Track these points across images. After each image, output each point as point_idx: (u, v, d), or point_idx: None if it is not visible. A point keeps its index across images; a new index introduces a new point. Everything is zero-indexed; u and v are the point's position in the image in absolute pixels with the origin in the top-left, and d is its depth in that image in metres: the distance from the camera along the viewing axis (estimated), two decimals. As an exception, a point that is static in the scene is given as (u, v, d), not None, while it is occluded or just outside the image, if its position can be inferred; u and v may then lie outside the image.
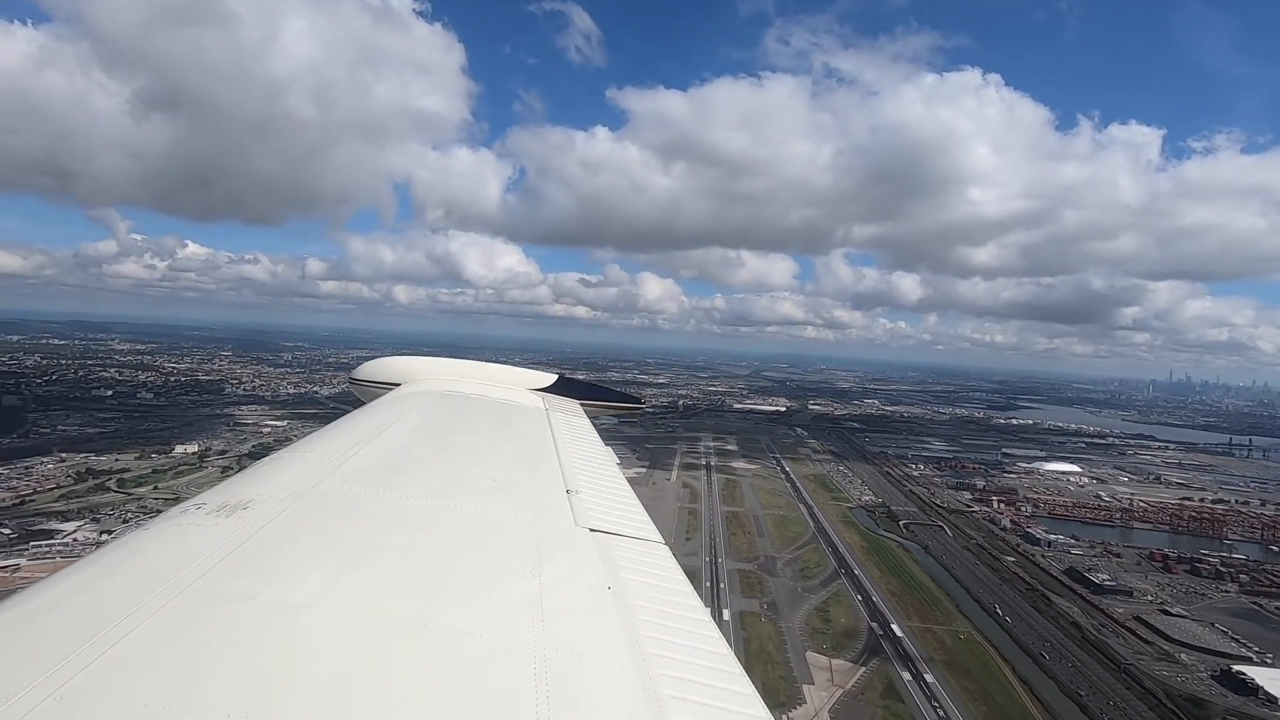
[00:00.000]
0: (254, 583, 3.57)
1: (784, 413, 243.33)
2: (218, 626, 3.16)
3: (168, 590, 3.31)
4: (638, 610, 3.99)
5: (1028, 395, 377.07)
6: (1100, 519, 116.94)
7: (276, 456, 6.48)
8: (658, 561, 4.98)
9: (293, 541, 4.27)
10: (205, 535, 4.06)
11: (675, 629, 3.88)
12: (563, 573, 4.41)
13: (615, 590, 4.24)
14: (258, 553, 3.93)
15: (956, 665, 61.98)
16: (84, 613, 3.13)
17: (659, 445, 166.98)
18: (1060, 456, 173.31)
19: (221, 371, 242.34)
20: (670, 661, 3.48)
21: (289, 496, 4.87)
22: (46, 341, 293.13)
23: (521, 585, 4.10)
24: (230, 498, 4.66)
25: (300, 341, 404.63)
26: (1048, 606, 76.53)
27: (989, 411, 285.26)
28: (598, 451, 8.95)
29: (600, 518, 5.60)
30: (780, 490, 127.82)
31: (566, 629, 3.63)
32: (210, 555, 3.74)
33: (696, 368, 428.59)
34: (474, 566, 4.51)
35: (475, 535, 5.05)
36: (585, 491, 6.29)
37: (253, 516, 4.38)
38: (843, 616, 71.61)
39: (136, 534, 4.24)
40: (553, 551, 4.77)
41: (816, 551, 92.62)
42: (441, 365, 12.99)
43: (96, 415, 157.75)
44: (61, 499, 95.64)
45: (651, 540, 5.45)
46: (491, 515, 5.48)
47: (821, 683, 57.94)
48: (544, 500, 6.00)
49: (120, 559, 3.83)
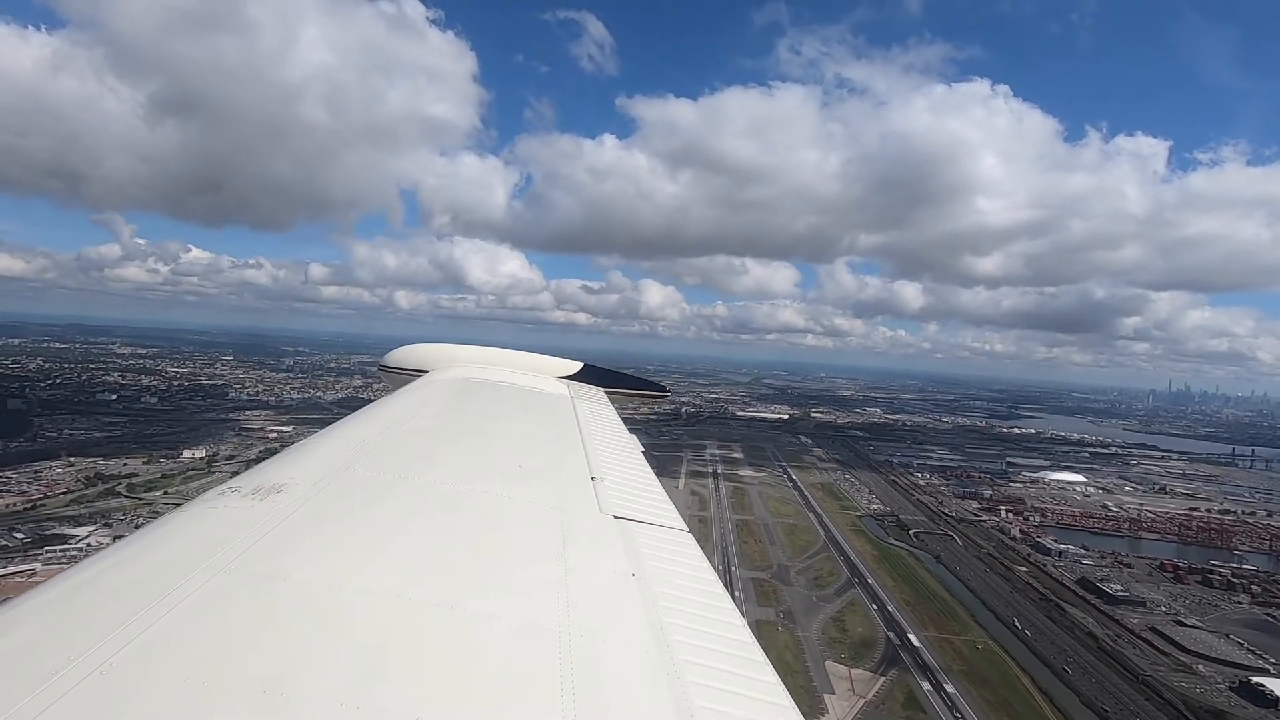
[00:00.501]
0: (287, 563, 3.67)
1: (787, 420, 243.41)
2: (253, 605, 3.26)
3: (205, 570, 3.41)
4: (661, 597, 4.03)
5: (1028, 404, 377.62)
6: (1108, 529, 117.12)
7: (308, 441, 6.59)
8: (681, 549, 5.00)
9: (325, 524, 4.37)
10: (241, 517, 4.17)
11: (699, 616, 3.92)
12: (587, 559, 4.46)
13: (639, 577, 4.28)
14: (291, 535, 4.03)
15: (975, 675, 62.02)
16: (127, 590, 3.23)
17: (665, 453, 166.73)
18: (1065, 466, 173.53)
19: (224, 376, 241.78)
20: (694, 649, 3.51)
21: (321, 480, 4.96)
22: (47, 345, 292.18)
23: (547, 570, 4.17)
24: (264, 481, 4.75)
25: (300, 346, 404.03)
26: (1062, 617, 76.63)
27: (991, 420, 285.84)
28: (622, 439, 9.02)
29: (624, 505, 5.63)
30: (788, 498, 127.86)
31: (591, 614, 3.68)
32: (246, 537, 3.84)
33: (697, 375, 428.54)
34: (500, 551, 4.58)
35: (501, 520, 5.13)
36: (610, 479, 6.32)
37: (286, 499, 4.48)
38: (859, 626, 71.64)
39: (175, 515, 4.36)
40: (577, 537, 4.81)
41: (829, 560, 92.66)
42: (468, 352, 13.13)
43: (102, 419, 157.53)
44: (72, 504, 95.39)
45: (675, 528, 5.48)
46: (517, 500, 5.56)
47: (842, 692, 57.94)
48: (569, 487, 6.05)
49: (160, 539, 3.95)
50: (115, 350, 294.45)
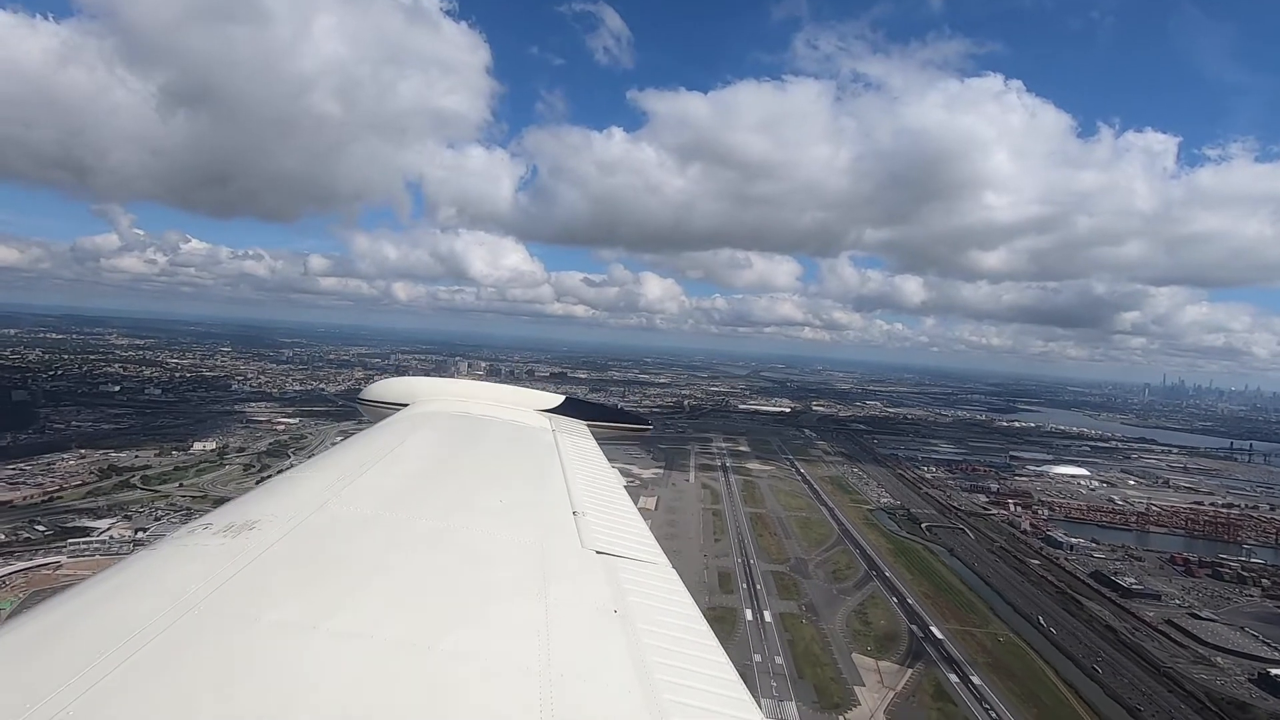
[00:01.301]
0: (260, 603, 3.59)
1: (789, 414, 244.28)
2: (222, 647, 3.18)
3: (174, 610, 3.32)
4: (644, 634, 3.98)
5: (1025, 398, 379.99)
6: (1116, 523, 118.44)
7: (284, 477, 6.50)
8: (664, 585, 4.97)
9: (299, 563, 4.28)
10: (212, 555, 4.06)
11: (682, 654, 3.87)
12: (569, 595, 4.40)
13: (621, 614, 4.22)
14: (263, 574, 3.93)
15: (1000, 668, 62.85)
16: (92, 631, 3.15)
17: (672, 446, 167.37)
18: (1067, 460, 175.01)
19: (225, 368, 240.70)
20: (677, 687, 3.47)
21: (296, 517, 4.85)
22: (44, 336, 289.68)
23: (528, 607, 4.10)
24: (237, 518, 4.66)
25: (298, 338, 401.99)
26: (1079, 610, 77.64)
27: (990, 414, 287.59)
28: (604, 473, 8.97)
29: (607, 540, 5.58)
30: (798, 492, 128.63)
31: (572, 652, 3.62)
32: (217, 576, 3.74)
33: (695, 367, 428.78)
34: (480, 588, 4.50)
35: (482, 557, 5.04)
36: (592, 514, 6.27)
37: (259, 537, 4.38)
38: (881, 619, 72.39)
39: (145, 553, 4.27)
40: (559, 574, 4.76)
41: (845, 554, 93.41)
42: (449, 386, 13.17)
43: (108, 411, 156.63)
44: (88, 496, 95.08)
45: (658, 563, 5.43)
46: (498, 537, 5.48)
47: (872, 684, 58.64)
48: (550, 522, 6.00)
49: (129, 579, 3.86)
50: (113, 341, 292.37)
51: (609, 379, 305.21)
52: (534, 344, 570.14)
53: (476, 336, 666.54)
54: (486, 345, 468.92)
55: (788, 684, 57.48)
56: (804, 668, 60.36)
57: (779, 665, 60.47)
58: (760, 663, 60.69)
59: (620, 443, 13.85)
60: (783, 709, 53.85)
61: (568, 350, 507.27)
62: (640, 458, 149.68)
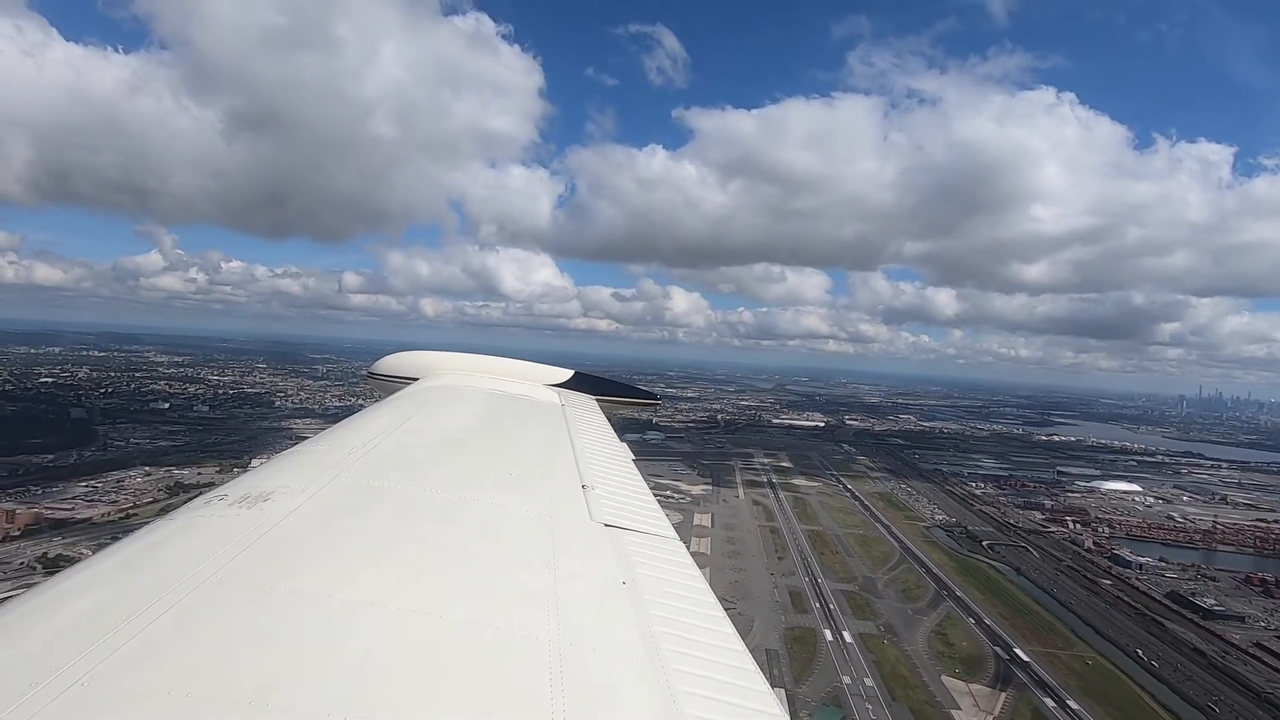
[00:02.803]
0: (275, 573, 3.62)
1: (824, 428, 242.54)
2: (239, 615, 3.22)
3: (191, 579, 3.35)
4: (652, 606, 3.99)
5: (1059, 411, 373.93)
6: (1180, 541, 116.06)
7: (298, 448, 6.58)
8: (673, 558, 4.95)
9: (313, 533, 4.31)
10: (228, 526, 4.09)
11: (690, 625, 3.89)
12: (578, 567, 4.41)
13: (630, 585, 4.23)
14: (279, 543, 3.97)
15: (1094, 692, 61.80)
16: (109, 601, 3.18)
17: (715, 461, 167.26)
18: (1117, 475, 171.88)
19: (265, 384, 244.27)
20: (685, 657, 3.48)
21: (309, 488, 4.88)
22: (87, 353, 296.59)
23: (537, 579, 4.12)
24: (252, 489, 4.68)
25: (327, 353, 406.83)
26: (1163, 632, 76.16)
27: (1026, 428, 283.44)
28: (613, 447, 8.97)
29: (615, 513, 5.57)
30: (851, 509, 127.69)
31: (581, 623, 3.65)
32: (232, 546, 3.78)
33: (719, 380, 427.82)
34: (490, 559, 4.54)
35: (492, 528, 5.07)
36: (601, 487, 6.27)
37: (274, 508, 4.39)
38: (963, 640, 71.57)
39: (160, 524, 4.29)
40: (568, 546, 4.75)
41: (911, 572, 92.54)
42: (459, 360, 13.02)
43: (162, 428, 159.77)
44: (161, 513, 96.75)
45: (666, 537, 5.41)
46: (508, 509, 5.51)
47: (968, 708, 57.99)
48: (560, 495, 5.99)
49: (144, 549, 3.91)
50: (153, 358, 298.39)
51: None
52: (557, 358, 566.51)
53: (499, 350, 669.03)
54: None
55: (883, 707, 57.04)
56: (896, 690, 59.85)
57: (870, 688, 60.01)
58: (850, 684, 60.32)
59: (629, 416, 13.91)
60: (883, 733, 53.47)
61: (590, 363, 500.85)
62: (686, 474, 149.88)
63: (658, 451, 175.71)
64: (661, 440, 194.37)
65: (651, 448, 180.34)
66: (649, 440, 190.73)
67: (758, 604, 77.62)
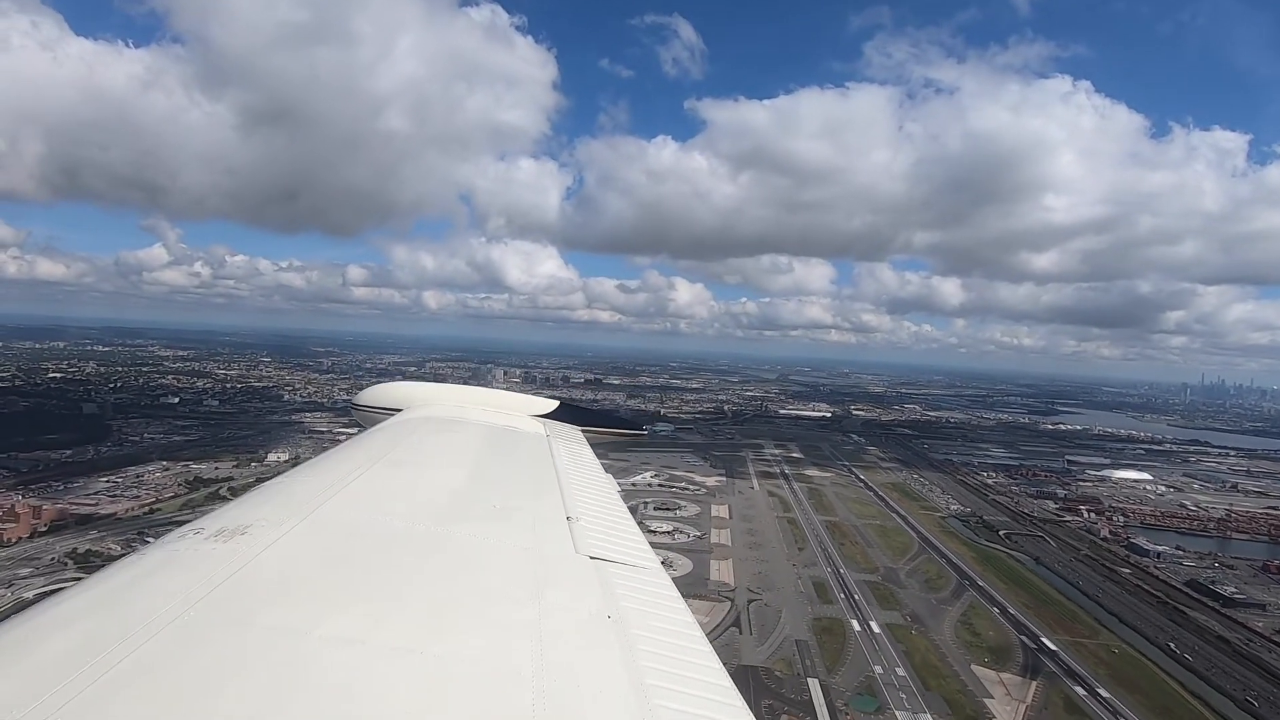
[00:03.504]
0: (252, 608, 3.58)
1: (831, 418, 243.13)
2: (213, 653, 3.16)
3: (166, 614, 3.30)
4: (638, 640, 3.96)
5: (1063, 400, 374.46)
6: (1195, 529, 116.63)
7: (276, 481, 6.47)
8: (658, 590, 4.94)
9: (291, 567, 4.24)
10: (203, 560, 4.02)
11: (676, 659, 3.87)
12: (563, 600, 4.40)
13: (615, 619, 4.21)
14: (255, 578, 3.90)
15: (1123, 680, 62.32)
16: (81, 637, 3.12)
17: (726, 453, 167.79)
18: (1126, 464, 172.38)
19: (271, 378, 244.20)
20: (670, 693, 3.46)
21: (288, 522, 4.80)
22: (91, 348, 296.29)
23: (521, 612, 4.09)
24: (229, 523, 4.62)
25: (330, 347, 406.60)
26: (1185, 620, 76.75)
27: (1032, 416, 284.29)
28: (599, 479, 8.94)
29: (601, 545, 5.56)
30: (865, 499, 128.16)
31: (566, 657, 3.61)
32: (208, 580, 3.71)
33: (722, 371, 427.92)
34: (474, 592, 4.49)
35: (475, 561, 5.04)
36: (586, 519, 6.26)
37: (251, 542, 4.31)
38: (989, 629, 72.07)
39: (133, 559, 4.23)
40: (553, 579, 4.74)
41: (931, 563, 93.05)
42: (443, 391, 13.08)
43: (174, 423, 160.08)
44: (184, 507, 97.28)
45: (651, 569, 5.38)
46: (492, 541, 5.46)
47: (1000, 697, 58.48)
48: (544, 527, 5.97)
49: (120, 583, 3.84)
50: (158, 352, 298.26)
51: (642, 384, 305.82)
52: (558, 350, 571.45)
53: (502, 343, 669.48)
54: (513, 352, 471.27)
55: (916, 697, 57.51)
56: (928, 680, 60.34)
57: (902, 677, 60.50)
58: (882, 674, 60.81)
59: (614, 448, 13.69)
60: (919, 722, 54.00)
61: (592, 355, 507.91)
62: (699, 465, 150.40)
63: (669, 443, 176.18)
64: (671, 432, 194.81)
65: (662, 439, 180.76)
66: (659, 432, 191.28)
67: (783, 595, 78.08)
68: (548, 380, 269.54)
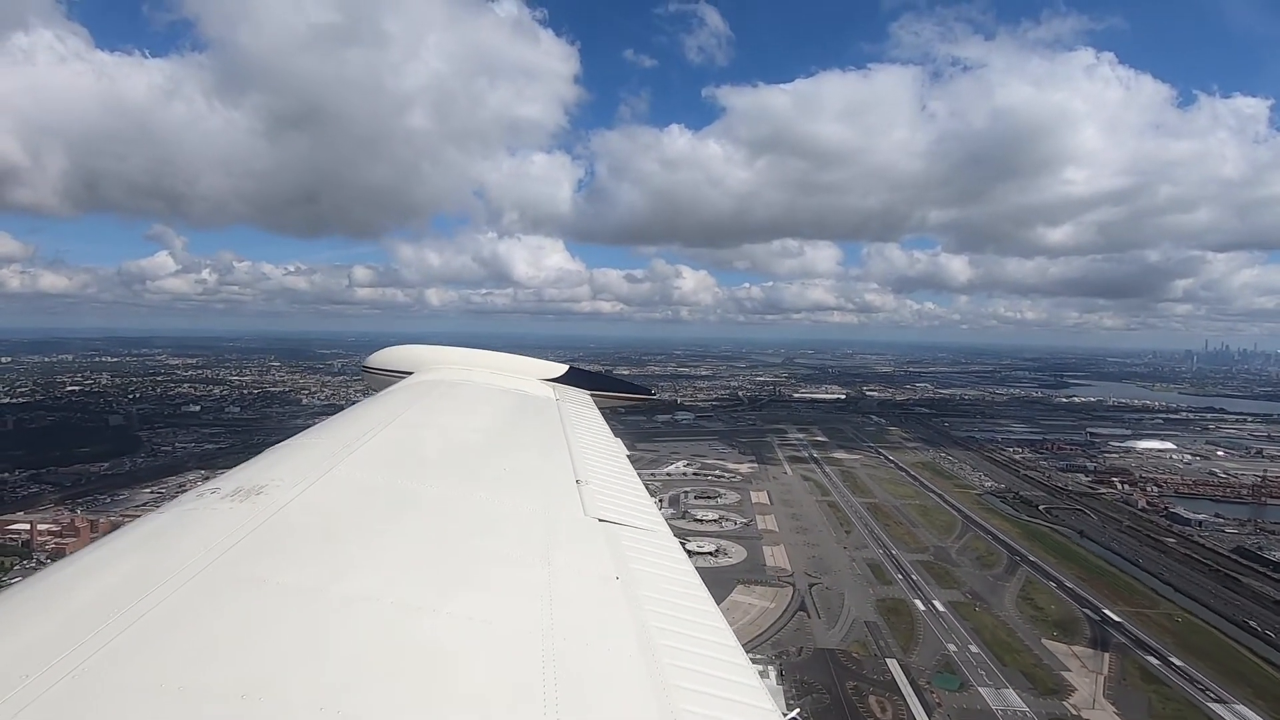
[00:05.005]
0: (267, 567, 3.65)
1: (846, 400, 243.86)
2: (231, 610, 3.24)
3: (183, 574, 3.36)
4: (646, 600, 4.04)
5: (1070, 372, 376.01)
6: (1228, 496, 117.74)
7: (290, 441, 6.62)
8: (666, 553, 5.01)
9: (306, 526, 4.33)
10: (220, 520, 4.09)
11: (683, 620, 3.94)
12: (572, 562, 4.47)
13: (624, 580, 4.28)
14: (272, 537, 3.98)
15: (1192, 648, 63.17)
16: (100, 595, 3.18)
17: (751, 438, 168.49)
18: (1147, 434, 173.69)
19: (286, 382, 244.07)
20: (678, 652, 3.53)
21: (303, 482, 4.90)
22: (100, 359, 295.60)
23: (531, 574, 4.16)
24: (244, 483, 4.70)
25: (334, 348, 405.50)
26: (1240, 586, 77.71)
27: (1044, 390, 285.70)
28: (607, 442, 9.04)
29: (609, 508, 5.65)
30: (899, 480, 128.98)
31: (575, 617, 3.69)
32: (225, 540, 3.77)
33: (728, 357, 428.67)
34: (484, 554, 4.58)
35: (485, 523, 5.15)
36: (595, 482, 6.34)
37: (267, 502, 4.41)
38: (1050, 603, 72.93)
39: (152, 518, 4.32)
40: (562, 541, 4.82)
41: (979, 540, 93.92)
42: (453, 354, 13.03)
43: (201, 431, 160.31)
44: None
45: (659, 531, 5.48)
46: (502, 503, 5.57)
47: (1077, 670, 59.29)
48: (554, 490, 6.08)
49: (136, 543, 3.92)
50: (166, 361, 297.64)
51: (651, 373, 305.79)
52: (560, 341, 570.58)
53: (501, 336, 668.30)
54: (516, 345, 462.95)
55: (995, 673, 58.32)
56: (1002, 655, 61.13)
57: (976, 654, 61.29)
58: (957, 652, 61.60)
59: (623, 411, 13.69)
60: (1003, 696, 54.81)
61: (595, 345, 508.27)
62: (729, 452, 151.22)
63: (692, 431, 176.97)
64: (692, 420, 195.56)
65: (684, 427, 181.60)
66: (680, 420, 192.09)
67: (841, 577, 78.83)
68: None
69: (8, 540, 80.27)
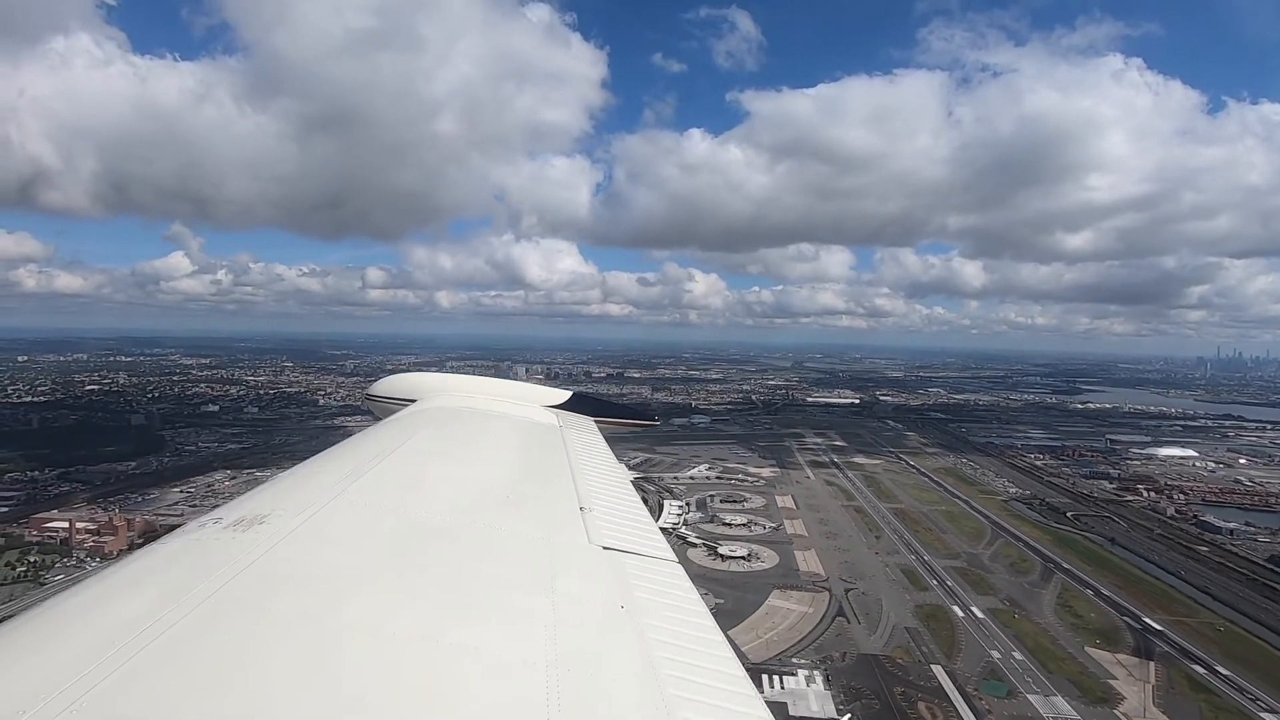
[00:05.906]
0: (269, 596, 3.64)
1: (860, 405, 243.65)
2: (231, 641, 3.23)
3: (185, 603, 3.34)
4: (650, 629, 4.00)
5: (1082, 378, 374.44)
6: (1257, 504, 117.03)
7: (293, 471, 6.60)
8: (671, 580, 4.97)
9: (308, 556, 4.33)
10: (222, 549, 4.09)
11: (689, 649, 3.89)
12: (576, 590, 4.45)
13: (628, 608, 4.25)
14: (273, 567, 3.97)
15: (1237, 657, 62.82)
16: (102, 625, 3.18)
17: (770, 443, 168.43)
18: (1168, 441, 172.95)
19: (302, 383, 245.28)
20: (683, 682, 3.49)
21: (305, 511, 4.88)
22: (115, 359, 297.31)
23: (535, 602, 4.13)
24: (247, 512, 4.70)
25: (345, 349, 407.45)
26: (1278, 595, 77.27)
27: (1059, 396, 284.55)
28: (611, 468, 9.01)
29: (613, 535, 5.63)
30: (923, 485, 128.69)
31: (579, 646, 3.66)
32: (226, 570, 3.76)
33: (736, 361, 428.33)
34: (488, 582, 4.55)
35: (489, 551, 5.11)
36: (599, 509, 6.32)
37: (269, 531, 4.39)
38: (1090, 611, 72.61)
39: (155, 547, 4.33)
40: (566, 568, 4.79)
41: (1010, 547, 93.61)
42: (457, 381, 13.23)
43: (222, 431, 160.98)
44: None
45: (664, 559, 5.42)
46: (505, 531, 5.53)
47: (1123, 678, 59.05)
48: (557, 517, 6.06)
49: (138, 573, 3.91)
50: (181, 361, 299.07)
51: (662, 377, 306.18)
52: (567, 344, 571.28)
53: (510, 339, 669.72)
54: (523, 348, 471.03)
55: (1042, 680, 58.14)
56: (1047, 663, 60.91)
57: (1021, 661, 61.10)
58: (1001, 659, 61.43)
59: (627, 439, 13.72)
60: (1052, 704, 54.64)
61: (603, 349, 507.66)
62: (749, 457, 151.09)
63: (709, 435, 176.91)
64: (709, 424, 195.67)
65: (702, 432, 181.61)
66: (696, 424, 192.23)
67: (876, 583, 78.69)
68: (570, 376, 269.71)
69: (46, 538, 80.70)
